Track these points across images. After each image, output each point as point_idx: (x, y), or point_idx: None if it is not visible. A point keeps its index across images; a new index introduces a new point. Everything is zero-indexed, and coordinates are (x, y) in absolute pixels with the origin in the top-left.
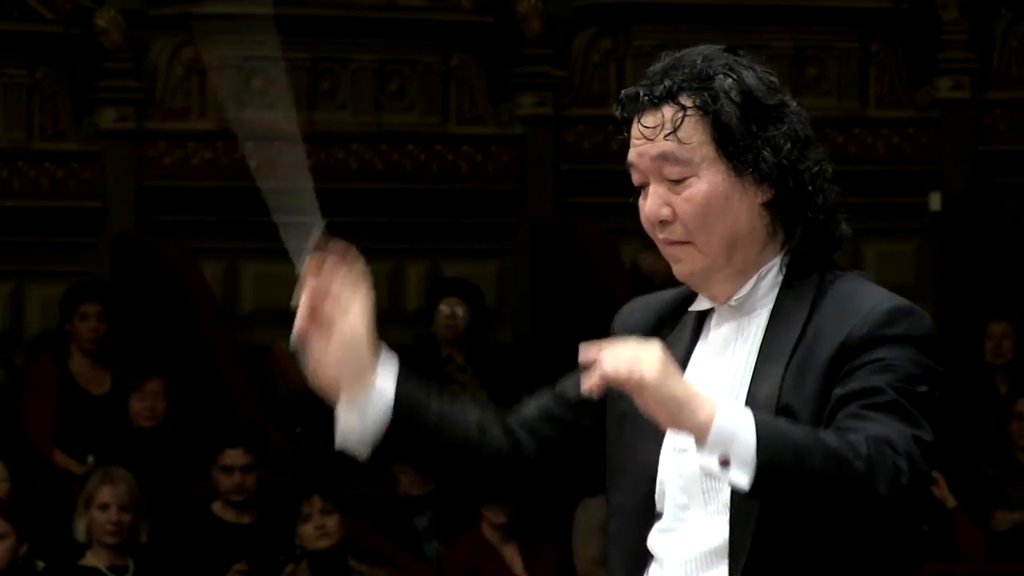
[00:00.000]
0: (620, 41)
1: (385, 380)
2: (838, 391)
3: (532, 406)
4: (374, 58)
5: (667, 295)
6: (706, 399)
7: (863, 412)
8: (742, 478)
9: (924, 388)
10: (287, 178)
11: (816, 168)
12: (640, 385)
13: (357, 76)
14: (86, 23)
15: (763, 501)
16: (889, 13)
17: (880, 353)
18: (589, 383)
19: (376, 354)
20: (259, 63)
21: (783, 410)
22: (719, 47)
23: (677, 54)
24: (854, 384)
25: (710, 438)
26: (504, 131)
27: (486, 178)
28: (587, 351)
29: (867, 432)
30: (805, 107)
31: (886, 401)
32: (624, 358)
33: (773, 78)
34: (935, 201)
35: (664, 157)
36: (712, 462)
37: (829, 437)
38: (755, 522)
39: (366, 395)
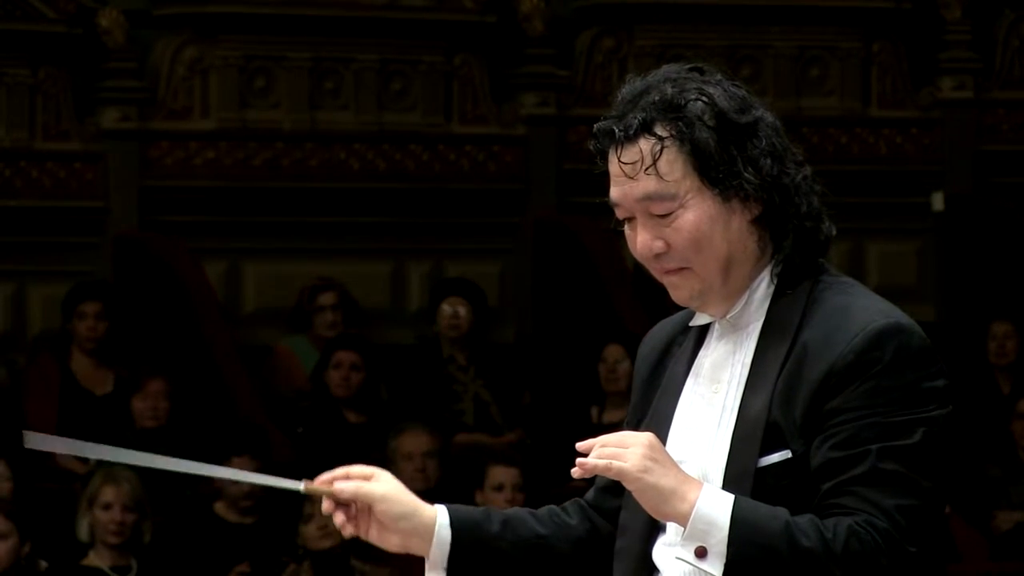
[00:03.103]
0: (622, 41)
1: (442, 515)
2: (824, 447)
3: (596, 484)
4: (377, 58)
5: (681, 316)
6: (690, 489)
7: (847, 488)
8: (715, 570)
9: (919, 435)
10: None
11: (799, 177)
12: (620, 477)
13: (360, 76)
14: (89, 23)
15: None
16: (892, 13)
17: (866, 396)
18: (575, 472)
19: (420, 503)
20: None
21: (771, 427)
22: (684, 66)
23: (644, 78)
24: (842, 442)
25: (687, 531)
26: (507, 131)
27: (489, 178)
28: (582, 442)
29: (849, 520)
30: (808, 107)
31: (869, 472)
32: (608, 450)
33: (742, 92)
34: (938, 201)
35: (648, 197)
36: (688, 554)
37: (805, 536)
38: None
39: (435, 535)
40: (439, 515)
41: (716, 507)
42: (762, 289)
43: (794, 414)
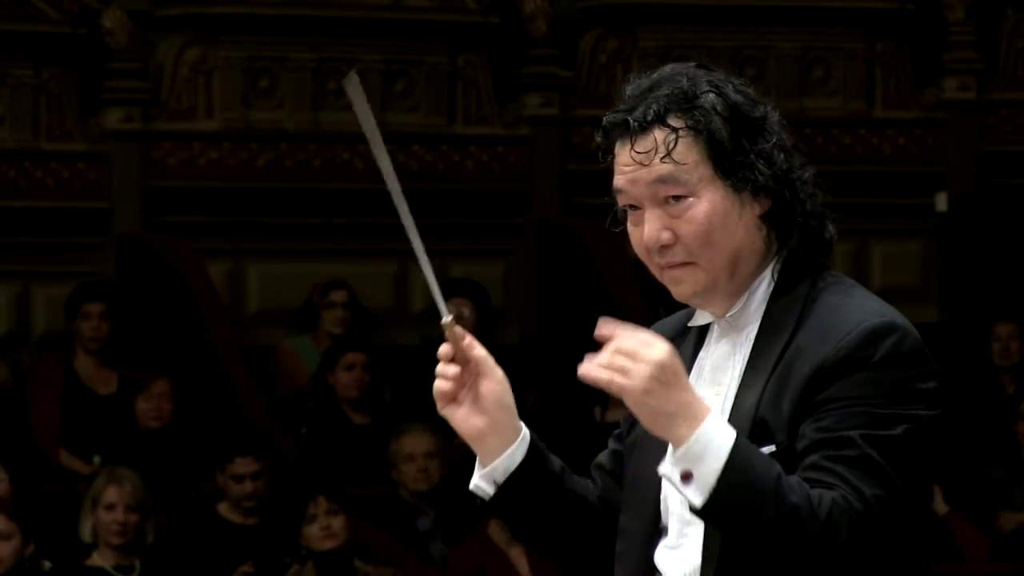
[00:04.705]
0: (626, 42)
1: (526, 431)
2: (810, 431)
3: (606, 454)
4: (380, 59)
5: (679, 317)
6: (695, 414)
7: (831, 466)
8: (696, 498)
9: (900, 428)
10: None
11: (806, 175)
12: (622, 394)
13: (363, 77)
14: (92, 24)
15: (710, 524)
16: (895, 14)
17: (854, 388)
18: (581, 371)
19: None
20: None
21: (758, 424)
22: (691, 64)
23: (650, 75)
24: (827, 425)
25: (680, 452)
26: (510, 131)
27: (492, 178)
28: (603, 327)
29: (833, 494)
30: (811, 108)
31: (854, 456)
32: (618, 362)
33: (750, 90)
34: (941, 202)
35: (662, 180)
36: (673, 473)
37: (794, 491)
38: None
39: (515, 439)
40: (523, 430)
41: (715, 438)
42: (762, 288)
43: (782, 408)
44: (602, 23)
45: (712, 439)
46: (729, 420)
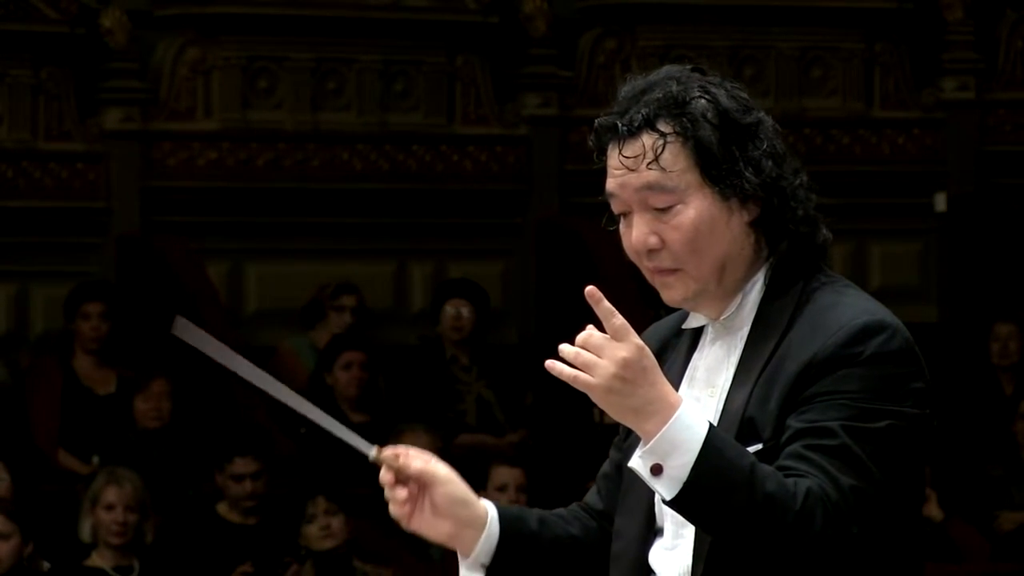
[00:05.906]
0: (625, 42)
1: (491, 509)
2: (793, 421)
3: (608, 463)
4: (379, 58)
5: (674, 319)
6: (663, 409)
7: (809, 454)
8: (666, 491)
9: (884, 423)
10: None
11: (797, 181)
12: (586, 391)
13: (362, 76)
14: (91, 23)
15: (683, 516)
16: (894, 14)
17: (841, 382)
18: (547, 364)
19: (474, 494)
20: None
21: (746, 422)
22: (686, 67)
23: (646, 77)
24: (809, 417)
25: (648, 446)
26: (509, 131)
27: (491, 179)
28: (592, 291)
29: (808, 482)
30: (810, 108)
31: (834, 446)
32: (583, 358)
33: (744, 94)
34: (940, 202)
35: (649, 187)
36: (643, 467)
37: (769, 480)
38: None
39: (486, 522)
40: (489, 509)
41: (686, 431)
42: (756, 290)
43: (770, 408)
44: (601, 23)
45: (682, 434)
46: (719, 420)
